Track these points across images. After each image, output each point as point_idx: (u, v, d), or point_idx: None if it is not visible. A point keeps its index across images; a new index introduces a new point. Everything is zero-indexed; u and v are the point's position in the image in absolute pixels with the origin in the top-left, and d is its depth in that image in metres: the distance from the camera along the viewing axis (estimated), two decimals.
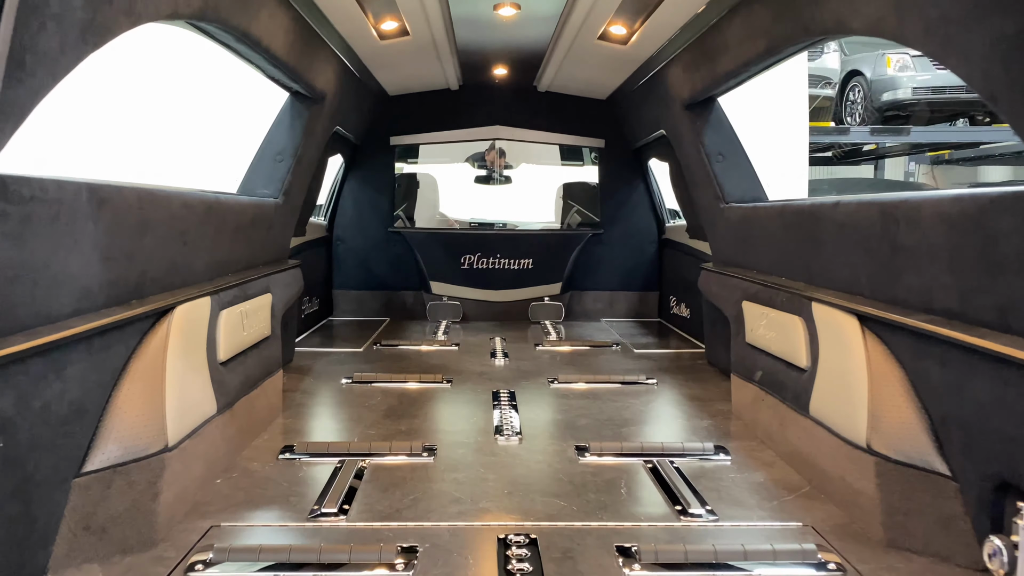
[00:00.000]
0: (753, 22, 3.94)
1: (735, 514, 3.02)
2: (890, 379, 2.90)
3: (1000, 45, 2.19)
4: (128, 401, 2.75)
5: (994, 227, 2.38)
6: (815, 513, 3.05)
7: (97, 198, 2.62)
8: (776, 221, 4.24)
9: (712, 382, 5.26)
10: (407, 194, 8.34)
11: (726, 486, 3.32)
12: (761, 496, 3.21)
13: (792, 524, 2.95)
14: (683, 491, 3.20)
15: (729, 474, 3.48)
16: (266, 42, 3.92)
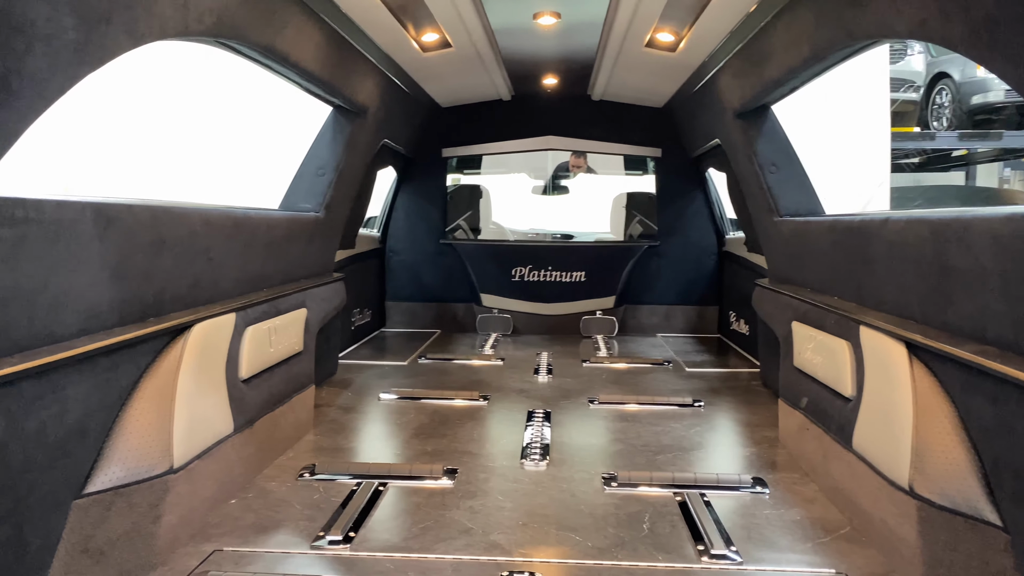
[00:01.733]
0: (796, 27, 3.70)
1: (763, 557, 2.80)
2: (938, 414, 2.63)
3: None
4: (135, 421, 2.73)
5: None
6: (852, 559, 2.79)
7: (104, 217, 2.61)
8: (827, 237, 3.98)
9: (763, 405, 4.99)
10: (459, 206, 8.30)
11: (758, 524, 3.09)
12: (795, 537, 2.98)
13: (825, 571, 2.71)
14: (710, 529, 2.99)
15: (764, 510, 3.24)
16: (295, 57, 3.91)
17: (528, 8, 4.70)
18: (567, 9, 4.72)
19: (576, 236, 9.06)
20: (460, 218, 8.29)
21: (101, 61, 2.39)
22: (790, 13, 3.71)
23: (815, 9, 3.43)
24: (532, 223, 9.97)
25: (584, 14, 4.81)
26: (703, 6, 4.22)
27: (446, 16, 4.65)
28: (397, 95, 5.96)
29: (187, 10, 2.77)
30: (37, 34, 2.09)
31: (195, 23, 2.87)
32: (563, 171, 9.23)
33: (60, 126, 9.95)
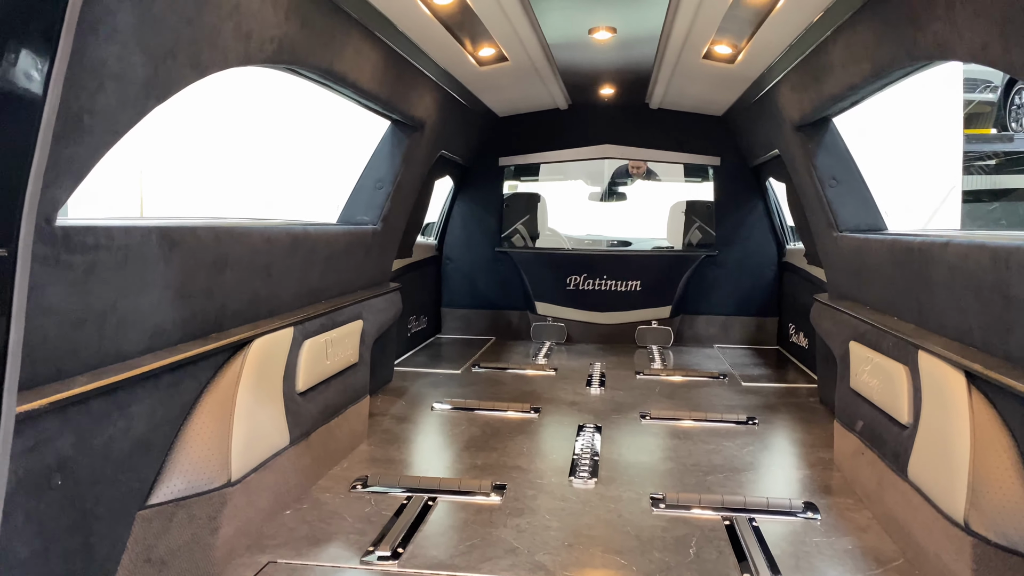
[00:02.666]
0: (856, 44, 3.63)
1: None
2: (997, 448, 2.56)
3: None
4: (196, 435, 2.85)
5: None
6: None
7: (169, 240, 2.74)
8: (887, 256, 3.88)
9: (819, 424, 4.89)
10: (515, 213, 8.34)
11: (807, 552, 3.04)
12: (844, 567, 2.92)
13: None
14: (756, 556, 2.96)
15: (815, 537, 3.19)
16: (353, 77, 4.01)
17: (583, 23, 4.71)
18: (623, 23, 4.71)
19: (633, 242, 9.03)
20: (516, 224, 8.34)
21: (167, 94, 2.51)
22: (850, 30, 3.64)
23: (875, 27, 3.36)
24: (589, 229, 9.97)
25: (640, 28, 4.79)
26: (761, 20, 4.17)
27: (502, 32, 4.70)
28: (454, 107, 6.03)
29: (249, 40, 2.88)
30: (108, 73, 2.20)
31: (256, 52, 2.97)
32: (621, 176, 9.18)
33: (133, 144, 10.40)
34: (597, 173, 9.28)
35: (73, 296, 2.29)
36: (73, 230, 2.26)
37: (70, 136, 2.13)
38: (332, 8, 3.48)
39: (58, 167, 2.11)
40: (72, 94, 2.09)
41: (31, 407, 2.07)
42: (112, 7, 2.15)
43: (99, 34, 2.13)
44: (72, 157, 2.16)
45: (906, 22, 3.02)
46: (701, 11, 4.16)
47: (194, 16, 2.52)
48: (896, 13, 3.09)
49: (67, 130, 2.12)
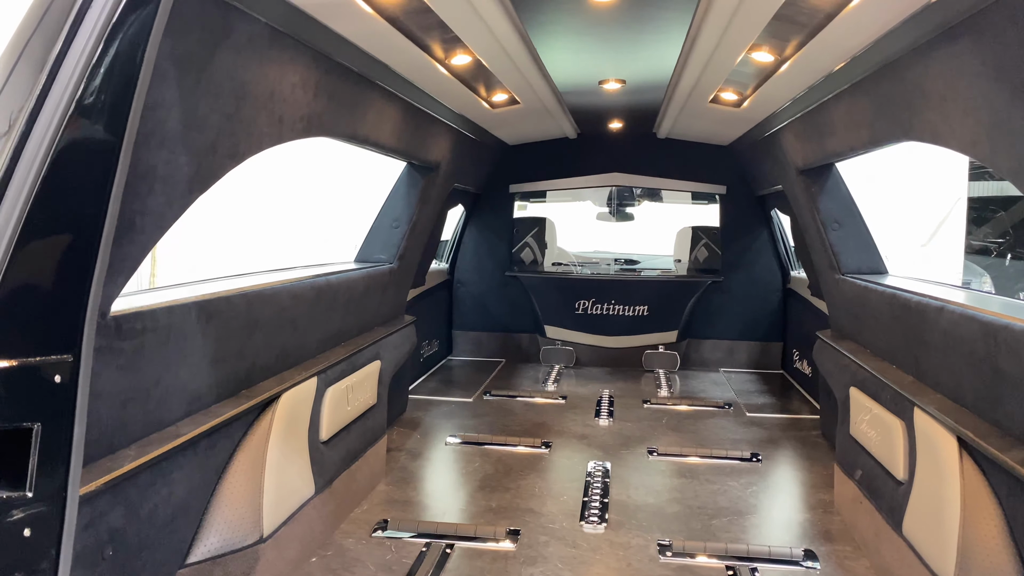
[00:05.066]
0: (856, 112, 3.79)
1: None
2: (985, 514, 2.71)
3: None
4: (230, 493, 3.03)
5: None
6: None
7: (206, 314, 2.92)
8: (886, 308, 4.04)
9: (821, 462, 5.05)
10: (524, 239, 8.52)
11: None
12: None
13: None
14: None
15: None
16: (375, 137, 4.19)
17: (594, 76, 4.88)
18: (632, 75, 4.88)
19: (641, 260, 9.20)
20: (525, 251, 8.51)
21: (207, 186, 2.69)
22: (850, 97, 3.80)
23: (873, 102, 3.52)
24: (596, 246, 10.15)
25: (649, 78, 4.95)
26: (766, 77, 4.33)
27: (514, 83, 4.87)
28: (467, 145, 6.21)
29: (281, 124, 3.06)
30: (157, 176, 2.39)
31: (288, 132, 3.15)
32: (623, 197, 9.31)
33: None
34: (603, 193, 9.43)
35: (123, 378, 2.47)
36: (123, 319, 2.44)
37: (124, 237, 2.31)
38: (356, 78, 3.66)
39: (113, 266, 2.29)
40: (127, 201, 2.27)
41: (88, 489, 2.25)
42: (163, 117, 2.33)
43: (151, 144, 2.31)
44: (125, 256, 2.34)
45: (902, 105, 3.18)
46: (709, 66, 4.31)
47: (233, 112, 2.70)
48: (893, 94, 3.25)
49: (121, 232, 2.29)
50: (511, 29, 3.61)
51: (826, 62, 3.62)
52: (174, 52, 2.30)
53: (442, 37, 3.68)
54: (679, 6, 3.27)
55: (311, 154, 11.19)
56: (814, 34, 3.31)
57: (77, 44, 1.83)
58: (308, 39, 3.05)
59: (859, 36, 3.15)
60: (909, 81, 3.03)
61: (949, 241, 12.17)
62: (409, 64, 3.92)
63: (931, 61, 2.80)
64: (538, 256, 8.53)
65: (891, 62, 3.13)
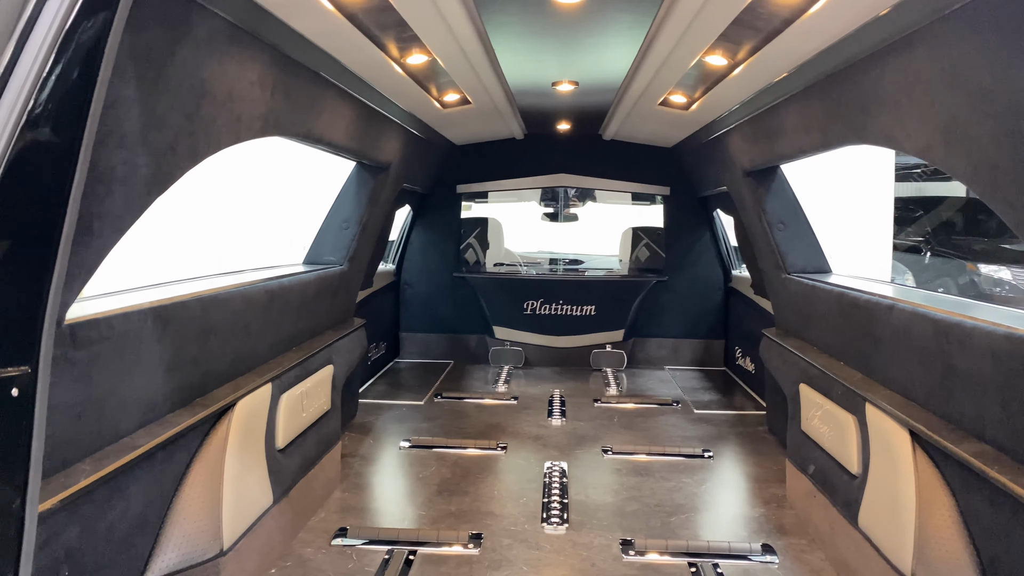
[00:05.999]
0: (808, 115, 3.89)
1: None
2: (940, 506, 2.81)
3: None
4: (188, 506, 2.92)
5: None
6: None
7: (161, 320, 2.80)
8: (834, 306, 4.16)
9: (770, 456, 5.17)
10: (473, 239, 8.49)
11: None
12: None
13: None
14: None
15: None
16: (329, 136, 4.10)
17: (547, 77, 4.89)
18: (585, 77, 4.90)
19: (585, 261, 9.29)
20: (474, 251, 8.49)
21: (165, 187, 2.58)
22: (803, 101, 3.89)
23: (827, 105, 3.61)
24: (542, 246, 10.20)
25: (601, 80, 4.98)
26: (718, 80, 4.40)
27: (468, 83, 4.83)
28: (416, 144, 6.14)
29: (239, 123, 2.96)
30: (116, 177, 2.28)
31: (246, 131, 3.06)
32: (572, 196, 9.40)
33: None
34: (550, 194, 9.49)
35: (78, 389, 2.35)
36: (78, 327, 2.32)
37: (81, 241, 2.19)
38: (313, 77, 3.57)
39: (70, 272, 2.17)
40: (84, 203, 2.16)
41: (45, 507, 2.13)
42: (122, 115, 2.22)
43: (109, 144, 2.20)
44: (81, 261, 2.23)
45: (857, 108, 3.27)
46: (663, 69, 4.36)
47: (192, 110, 2.60)
48: (848, 98, 3.34)
49: (77, 236, 2.18)
50: (471, 29, 3.58)
51: (780, 66, 3.70)
52: (134, 47, 2.20)
53: (400, 36, 3.63)
54: (641, 8, 3.30)
55: (243, 155, 10.91)
56: (770, 39, 3.38)
57: (35, 39, 1.74)
58: (267, 36, 2.97)
59: (815, 41, 3.23)
60: (864, 85, 3.12)
61: (878, 239, 12.61)
62: (365, 63, 3.85)
63: (887, 67, 2.89)
64: (480, 257, 8.52)
65: (846, 67, 3.21)
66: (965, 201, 16.00)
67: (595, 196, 9.23)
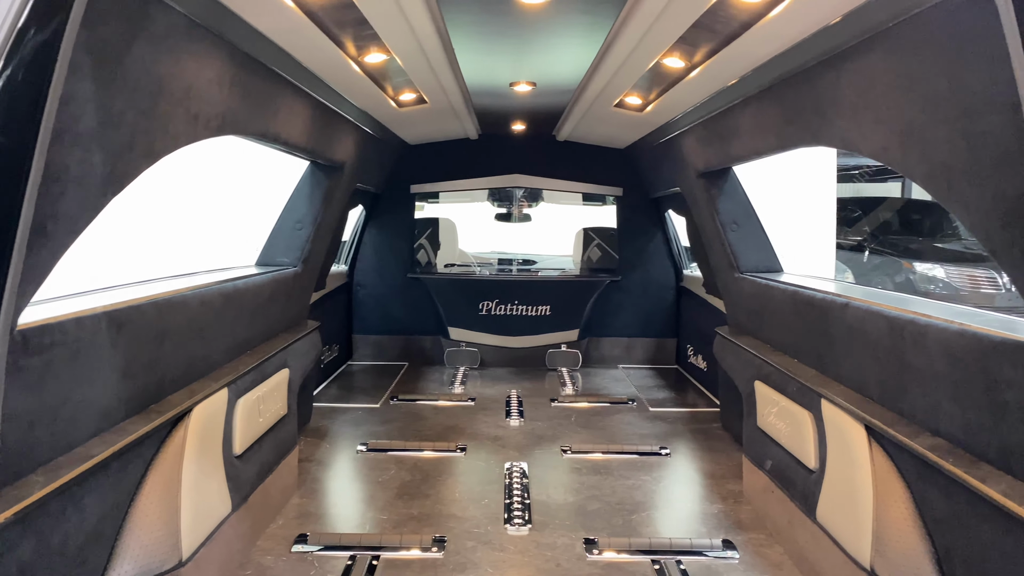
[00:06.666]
0: (764, 117, 3.96)
1: None
2: (896, 499, 2.89)
3: (1000, 204, 2.20)
4: (145, 516, 2.83)
5: (996, 372, 2.38)
6: None
7: (116, 324, 2.71)
8: (788, 304, 4.25)
9: (725, 453, 5.26)
10: (426, 240, 8.44)
11: None
12: None
13: None
14: None
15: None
16: (285, 135, 4.02)
17: (505, 78, 4.88)
18: (542, 78, 4.91)
19: (539, 260, 9.32)
20: (427, 251, 8.44)
21: (122, 186, 2.49)
22: (759, 103, 3.97)
23: (783, 108, 3.68)
24: (495, 247, 10.20)
25: (559, 81, 5.00)
26: (674, 82, 4.45)
27: (425, 82, 4.80)
28: (370, 144, 6.07)
29: (197, 121, 2.88)
30: (71, 178, 2.19)
31: (203, 130, 2.97)
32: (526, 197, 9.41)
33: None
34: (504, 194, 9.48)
35: (30, 397, 2.25)
36: (31, 332, 2.23)
37: (34, 244, 2.10)
38: (268, 74, 3.50)
39: (23, 276, 2.08)
40: (39, 204, 2.07)
41: None
42: (77, 113, 2.14)
43: (64, 142, 2.11)
44: (35, 264, 2.13)
45: (813, 111, 3.35)
46: (620, 71, 4.39)
47: (149, 108, 2.51)
48: (804, 100, 3.42)
49: (32, 239, 2.09)
50: (432, 28, 3.55)
51: (737, 69, 3.76)
52: (90, 42, 2.12)
53: (360, 34, 3.58)
54: (602, 10, 3.31)
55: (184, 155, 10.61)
56: (728, 42, 3.43)
57: None
58: (225, 32, 2.89)
59: (772, 45, 3.29)
60: (821, 89, 3.19)
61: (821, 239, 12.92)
62: (323, 61, 3.79)
63: (843, 70, 2.96)
64: (431, 257, 8.47)
65: (803, 70, 3.28)
66: (903, 202, 16.58)
67: (544, 197, 9.26)
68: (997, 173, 2.19)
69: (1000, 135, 2.11)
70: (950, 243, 13.60)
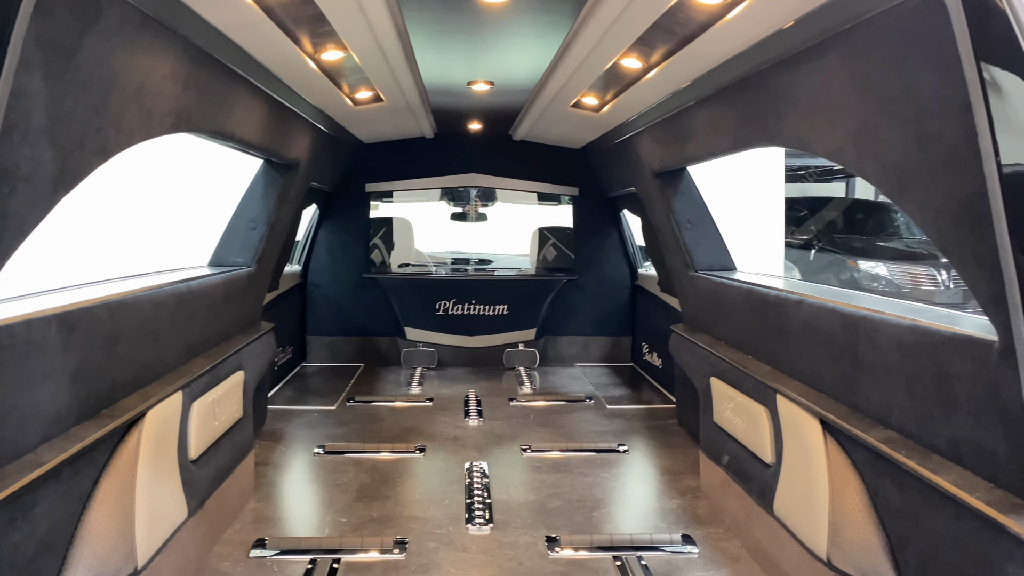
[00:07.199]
0: (719, 118, 4.02)
1: None
2: (850, 491, 2.97)
3: (951, 203, 2.27)
4: (98, 524, 2.74)
5: (946, 366, 2.46)
6: None
7: (67, 325, 2.62)
8: (743, 302, 4.32)
9: (682, 449, 5.33)
10: (382, 239, 8.37)
11: None
12: None
13: None
14: None
15: (695, 571, 3.53)
16: (240, 133, 3.94)
17: (464, 77, 4.87)
18: (500, 78, 4.91)
19: (493, 261, 9.31)
20: (383, 251, 8.37)
21: (73, 185, 2.42)
22: (714, 104, 4.03)
23: (739, 108, 3.74)
24: (451, 246, 10.16)
25: (517, 81, 5.00)
26: (631, 83, 4.49)
27: (382, 80, 4.76)
28: (325, 142, 6.00)
29: (151, 118, 2.81)
30: (20, 175, 2.11)
31: (157, 127, 2.90)
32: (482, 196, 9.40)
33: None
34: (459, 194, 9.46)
35: None
36: None
37: None
38: (225, 72, 3.43)
39: None
40: None
41: None
42: (27, 108, 2.07)
43: (13, 139, 2.04)
44: None
45: (769, 112, 3.41)
46: (578, 71, 4.42)
47: (101, 104, 2.44)
48: (760, 103, 3.48)
49: None
50: (391, 25, 3.52)
51: (693, 70, 3.82)
52: (40, 35, 2.04)
53: (317, 30, 3.53)
54: (563, 10, 3.33)
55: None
56: (685, 43, 3.48)
57: None
58: (180, 27, 2.82)
59: (728, 46, 3.34)
60: (777, 90, 3.25)
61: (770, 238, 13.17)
62: (279, 57, 3.73)
63: (799, 72, 3.02)
64: (385, 257, 8.40)
65: (759, 71, 3.34)
66: (848, 202, 17.02)
67: (499, 196, 9.27)
68: (947, 173, 2.26)
69: (951, 136, 2.17)
70: (892, 241, 14.01)
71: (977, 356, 2.28)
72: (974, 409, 2.30)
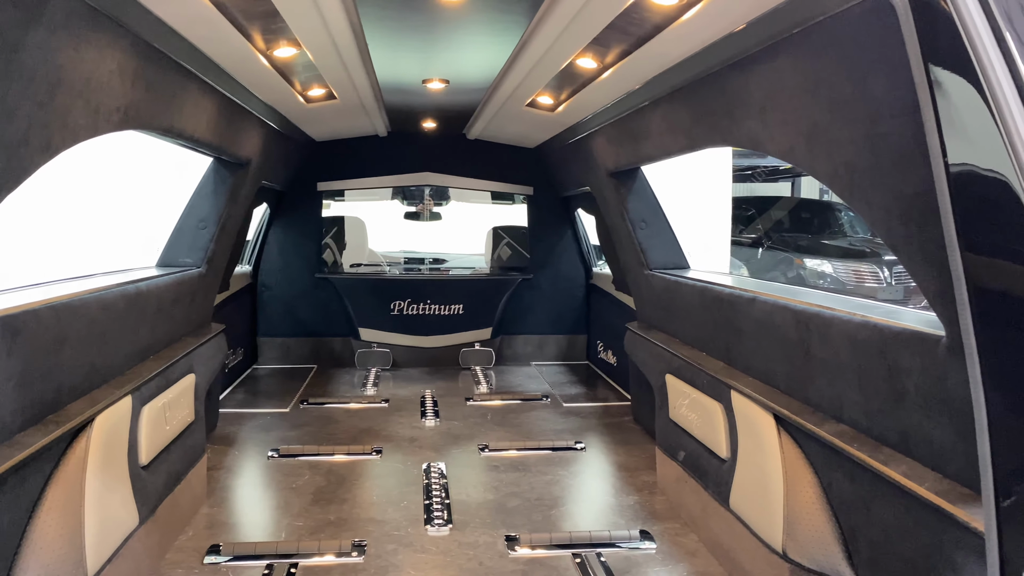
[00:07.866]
0: (674, 118, 4.07)
1: None
2: (804, 484, 3.03)
3: (899, 202, 2.34)
4: (45, 533, 2.65)
5: (895, 361, 2.53)
6: None
7: (11, 330, 2.53)
8: (697, 299, 4.38)
9: (638, 445, 5.39)
10: (334, 239, 8.26)
11: None
12: None
13: None
14: None
15: (655, 567, 3.57)
16: (191, 130, 3.85)
17: (418, 75, 4.83)
18: (456, 76, 4.89)
19: (448, 260, 9.27)
20: (335, 251, 8.27)
21: (17, 183, 2.33)
22: (668, 105, 4.07)
23: (693, 109, 3.80)
24: (405, 246, 10.09)
25: (472, 79, 4.99)
26: (586, 82, 4.52)
27: (335, 77, 4.70)
28: (277, 140, 5.90)
29: (97, 114, 2.73)
30: None
31: (104, 123, 2.81)
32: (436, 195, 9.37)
33: None
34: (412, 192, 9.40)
35: None
36: None
37: None
38: (174, 67, 3.34)
39: None
40: None
41: None
42: None
43: None
44: None
45: (722, 112, 3.46)
46: (534, 71, 4.43)
47: (46, 100, 2.36)
48: (714, 103, 3.53)
49: None
50: (345, 22, 3.48)
51: (648, 70, 3.86)
52: None
53: (270, 26, 3.47)
54: (520, 9, 3.33)
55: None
56: (640, 44, 3.51)
57: None
58: (128, 21, 2.74)
59: (683, 47, 3.39)
60: (730, 90, 3.31)
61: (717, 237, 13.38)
62: (230, 54, 3.65)
63: (753, 73, 3.08)
64: (338, 257, 8.30)
65: (713, 72, 3.39)
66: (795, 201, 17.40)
67: (453, 195, 9.24)
68: (897, 172, 2.33)
69: (900, 137, 2.24)
70: (837, 240, 14.39)
71: (925, 351, 2.35)
72: (923, 402, 2.38)
